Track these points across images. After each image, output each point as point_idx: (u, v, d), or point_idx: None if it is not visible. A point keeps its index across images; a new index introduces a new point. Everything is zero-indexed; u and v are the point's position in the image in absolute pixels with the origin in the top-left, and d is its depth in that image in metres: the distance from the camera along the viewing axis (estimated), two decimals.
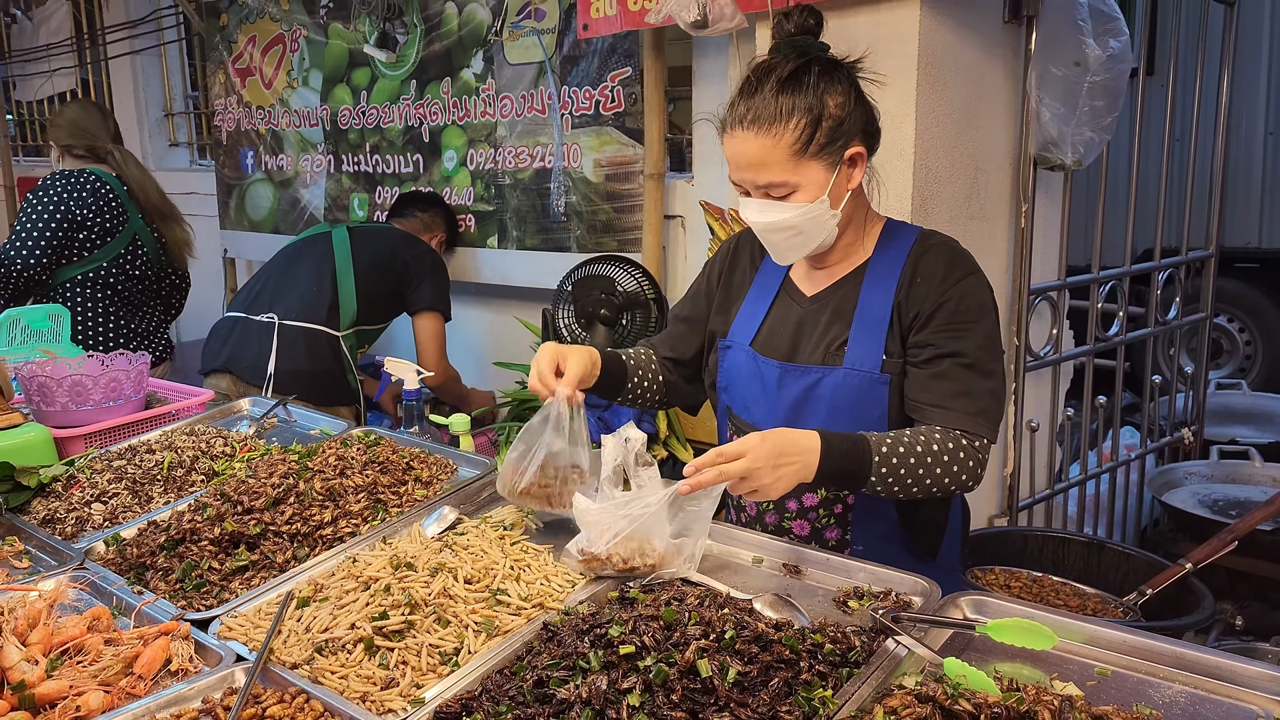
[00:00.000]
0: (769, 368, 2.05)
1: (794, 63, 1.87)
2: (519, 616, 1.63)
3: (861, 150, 1.92)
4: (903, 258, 1.99)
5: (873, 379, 1.95)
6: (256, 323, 3.69)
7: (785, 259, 2.02)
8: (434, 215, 4.24)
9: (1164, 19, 4.67)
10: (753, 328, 2.11)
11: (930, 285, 1.94)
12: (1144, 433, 4.21)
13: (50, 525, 2.09)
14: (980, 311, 1.94)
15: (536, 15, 4.11)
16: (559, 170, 4.15)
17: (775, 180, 1.87)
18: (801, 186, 1.87)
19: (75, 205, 3.83)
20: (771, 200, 1.90)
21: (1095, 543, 3.28)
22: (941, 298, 1.92)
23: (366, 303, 3.79)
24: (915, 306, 1.94)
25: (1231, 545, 2.84)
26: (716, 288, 2.23)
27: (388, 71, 4.72)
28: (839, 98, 1.87)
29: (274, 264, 3.92)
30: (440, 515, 1.99)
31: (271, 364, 3.57)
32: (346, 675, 1.50)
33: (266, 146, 5.40)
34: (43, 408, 2.58)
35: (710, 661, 1.35)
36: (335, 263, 3.79)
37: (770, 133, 1.84)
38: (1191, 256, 4.24)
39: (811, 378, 1.99)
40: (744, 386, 2.11)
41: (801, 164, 1.86)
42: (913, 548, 2.06)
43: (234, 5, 5.31)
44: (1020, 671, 1.45)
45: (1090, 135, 3.23)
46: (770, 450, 1.69)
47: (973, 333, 1.92)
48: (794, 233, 1.92)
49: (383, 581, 1.68)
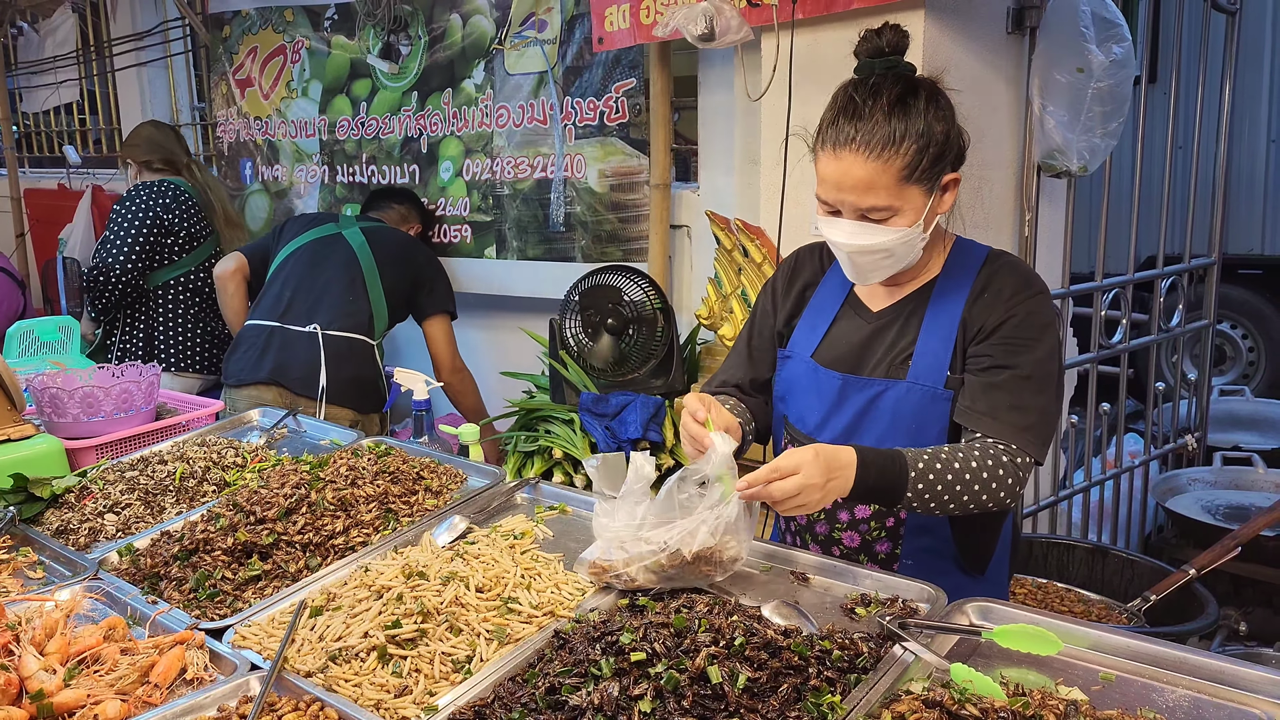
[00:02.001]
0: (829, 379, 2.03)
1: (900, 85, 1.85)
2: (530, 624, 1.65)
3: (956, 176, 1.91)
4: (972, 275, 1.98)
5: (936, 394, 1.94)
6: (299, 333, 3.70)
7: (868, 280, 2.00)
8: (409, 207, 4.32)
9: (1166, 28, 4.70)
10: (815, 339, 2.09)
11: (998, 301, 1.93)
12: (1148, 439, 4.22)
13: (63, 536, 2.11)
14: (1043, 330, 1.93)
15: (539, 26, 4.14)
16: (559, 180, 4.18)
17: (879, 204, 1.83)
18: (902, 211, 1.85)
19: (162, 211, 4.09)
20: (867, 223, 1.86)
21: (1099, 549, 3.30)
22: (1007, 313, 1.91)
23: (391, 308, 3.87)
24: (980, 320, 1.93)
25: (1235, 551, 2.85)
26: (782, 302, 2.20)
27: (389, 83, 4.75)
28: (944, 125, 1.86)
29: (294, 268, 3.89)
30: (451, 524, 2.01)
31: (323, 376, 3.61)
32: (360, 683, 1.52)
33: (264, 157, 5.43)
34: (54, 419, 2.61)
35: (720, 668, 1.37)
36: (363, 269, 3.83)
37: (881, 157, 1.81)
38: (1194, 263, 4.25)
39: (874, 390, 1.98)
40: (802, 397, 2.09)
41: (905, 189, 1.83)
42: (965, 562, 2.05)
43: (238, 17, 5.35)
44: (1026, 677, 1.46)
45: (1096, 141, 3.25)
46: (822, 467, 1.69)
47: (1034, 349, 1.90)
48: (885, 255, 1.89)
49: (395, 590, 1.70)
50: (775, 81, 2.80)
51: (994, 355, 1.90)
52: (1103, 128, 3.26)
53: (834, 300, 2.11)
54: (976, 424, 1.88)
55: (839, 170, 1.84)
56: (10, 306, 5.18)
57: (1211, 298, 4.39)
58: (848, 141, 1.82)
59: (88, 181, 6.63)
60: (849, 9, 2.84)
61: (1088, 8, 3.16)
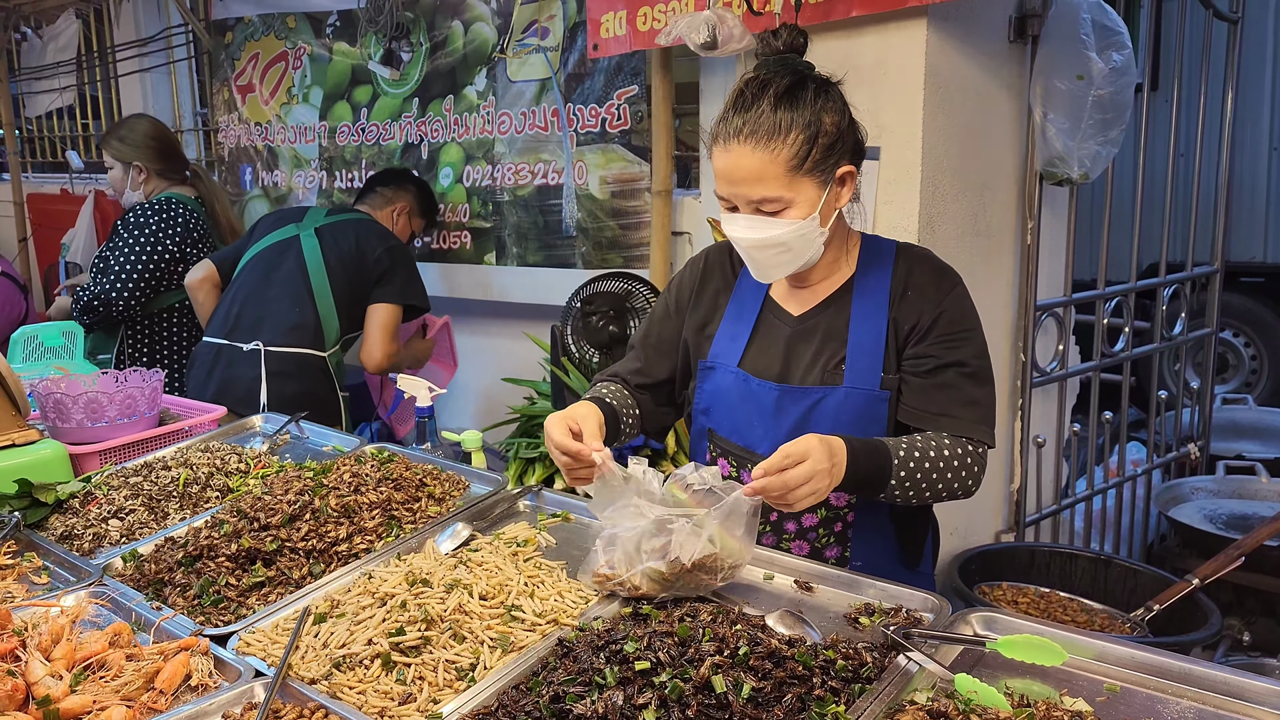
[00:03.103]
0: (765, 390, 2.03)
1: (789, 78, 1.89)
2: (534, 632, 1.65)
3: (852, 169, 1.94)
4: (888, 273, 2.02)
5: (874, 396, 1.97)
6: (243, 352, 3.58)
7: (769, 276, 2.02)
8: (396, 188, 4.08)
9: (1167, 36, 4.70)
10: (738, 349, 2.09)
11: (924, 298, 1.98)
12: (1150, 448, 4.22)
13: (68, 541, 2.11)
14: (974, 320, 2.01)
15: (541, 33, 4.14)
16: (561, 186, 4.18)
17: (770, 195, 1.87)
18: (795, 203, 1.88)
19: (170, 241, 3.90)
20: (762, 216, 1.89)
21: (1102, 558, 3.29)
22: (938, 309, 1.96)
23: (346, 316, 3.71)
24: (910, 319, 1.97)
25: (1239, 561, 2.85)
26: (688, 307, 2.20)
27: (390, 89, 4.76)
28: (834, 116, 1.89)
29: (245, 278, 3.75)
30: (454, 532, 2.01)
31: (264, 395, 3.48)
32: (364, 690, 1.52)
33: (264, 163, 5.44)
34: (59, 424, 2.61)
35: (725, 677, 1.37)
36: (310, 277, 3.66)
37: (768, 147, 1.85)
38: (1197, 272, 4.26)
39: (812, 398, 2.00)
40: (734, 409, 2.08)
41: (796, 180, 1.86)
42: (905, 558, 2.13)
43: (241, 23, 5.36)
44: (1030, 687, 1.46)
45: (1097, 148, 3.26)
46: (827, 452, 1.73)
47: (971, 342, 1.98)
48: (782, 250, 1.92)
49: (399, 598, 1.70)
50: None
51: (936, 355, 1.95)
52: (1103, 135, 3.27)
53: (751, 306, 2.12)
54: (934, 425, 1.94)
55: (730, 163, 1.89)
56: (13, 311, 5.18)
57: (1214, 306, 4.39)
58: (735, 133, 1.88)
59: (90, 186, 6.64)
60: (849, 17, 2.85)
61: (1088, 15, 3.17)
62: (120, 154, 4.10)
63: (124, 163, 4.08)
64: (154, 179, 4.09)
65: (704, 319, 2.17)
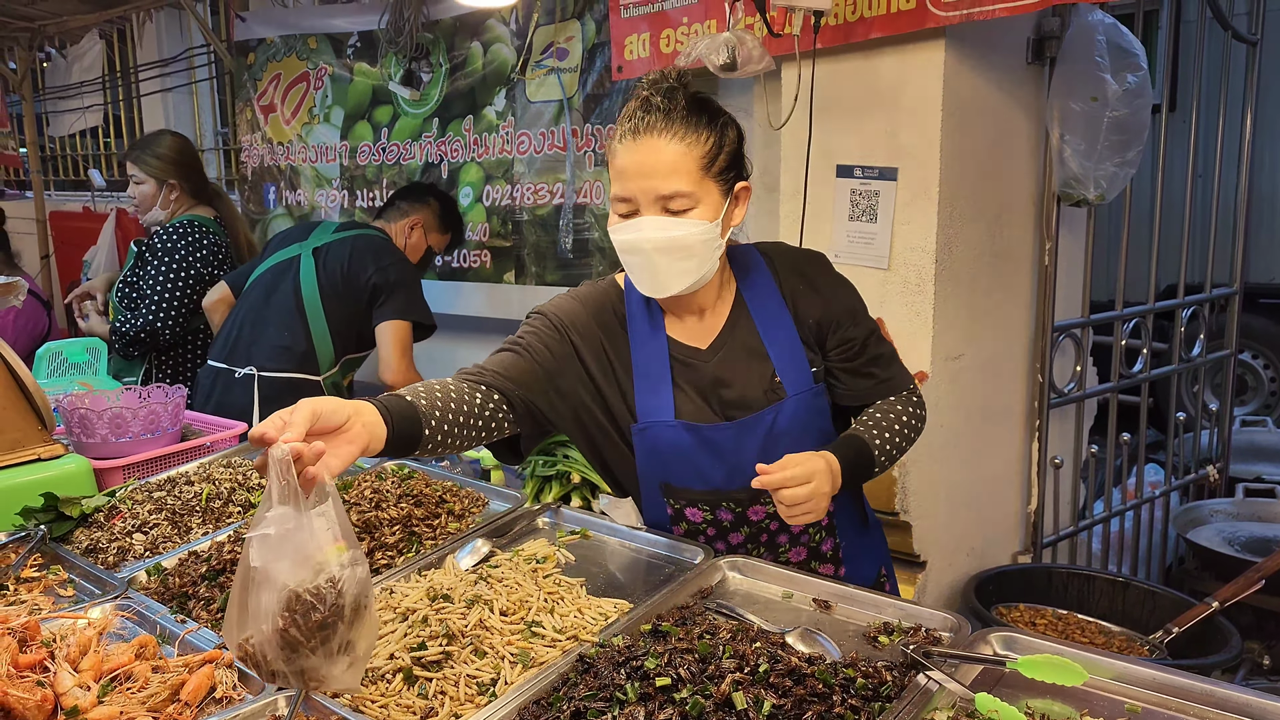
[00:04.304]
0: (719, 431, 2.00)
1: (692, 92, 1.93)
2: (554, 648, 1.66)
3: (748, 187, 1.99)
4: (766, 276, 2.09)
5: (816, 392, 2.08)
6: (236, 377, 3.58)
7: (665, 289, 1.93)
8: (413, 202, 3.98)
9: (1186, 57, 4.71)
10: (667, 402, 2.01)
11: (811, 289, 2.08)
12: (1168, 470, 4.20)
13: (93, 554, 2.13)
14: (850, 286, 2.14)
15: (559, 54, 4.18)
16: (581, 207, 4.21)
17: (682, 189, 1.86)
18: (702, 203, 1.88)
19: (202, 265, 3.92)
20: (669, 217, 1.87)
21: (1120, 580, 3.28)
22: (828, 295, 2.08)
23: (341, 339, 3.67)
24: (811, 313, 2.06)
25: (1259, 584, 2.84)
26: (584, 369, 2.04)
27: (410, 109, 4.81)
28: (735, 133, 1.96)
29: (248, 302, 3.74)
30: (473, 548, 2.02)
31: (256, 419, 3.43)
32: (387, 704, 1.53)
33: (286, 182, 5.49)
34: (83, 439, 2.64)
35: (746, 694, 1.37)
36: (304, 300, 3.63)
37: (685, 140, 1.87)
38: (1216, 293, 4.25)
39: (766, 421, 2.02)
40: (689, 459, 2.03)
41: (705, 180, 1.89)
42: (860, 520, 2.25)
43: (263, 44, 5.43)
44: (1051, 708, 1.46)
45: (1113, 169, 3.27)
46: (830, 476, 1.84)
47: (861, 306, 2.12)
48: (685, 255, 1.89)
49: (420, 612, 1.71)
50: (795, 110, 2.83)
51: (852, 338, 2.07)
52: (1120, 156, 3.28)
53: (658, 356, 2.04)
54: (884, 392, 2.11)
55: (643, 155, 1.87)
56: (36, 327, 5.24)
57: (1233, 327, 4.38)
58: (650, 128, 1.88)
59: (112, 204, 6.72)
60: (868, 38, 2.87)
61: (1104, 37, 3.18)
62: (154, 170, 4.06)
63: (157, 180, 4.05)
64: (184, 198, 4.07)
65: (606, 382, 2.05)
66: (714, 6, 3.27)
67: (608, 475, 2.19)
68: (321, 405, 1.47)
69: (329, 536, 1.36)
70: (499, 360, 1.99)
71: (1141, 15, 3.53)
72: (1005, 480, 3.44)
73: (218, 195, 4.22)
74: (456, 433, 1.83)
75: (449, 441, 1.82)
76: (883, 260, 2.98)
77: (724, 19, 3.18)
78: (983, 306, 3.14)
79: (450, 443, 1.82)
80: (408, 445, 1.73)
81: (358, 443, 1.54)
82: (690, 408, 2.03)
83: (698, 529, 2.09)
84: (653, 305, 2.06)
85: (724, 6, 3.19)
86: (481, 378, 1.94)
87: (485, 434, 1.91)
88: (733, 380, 2.03)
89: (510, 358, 1.99)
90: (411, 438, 1.73)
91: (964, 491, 3.23)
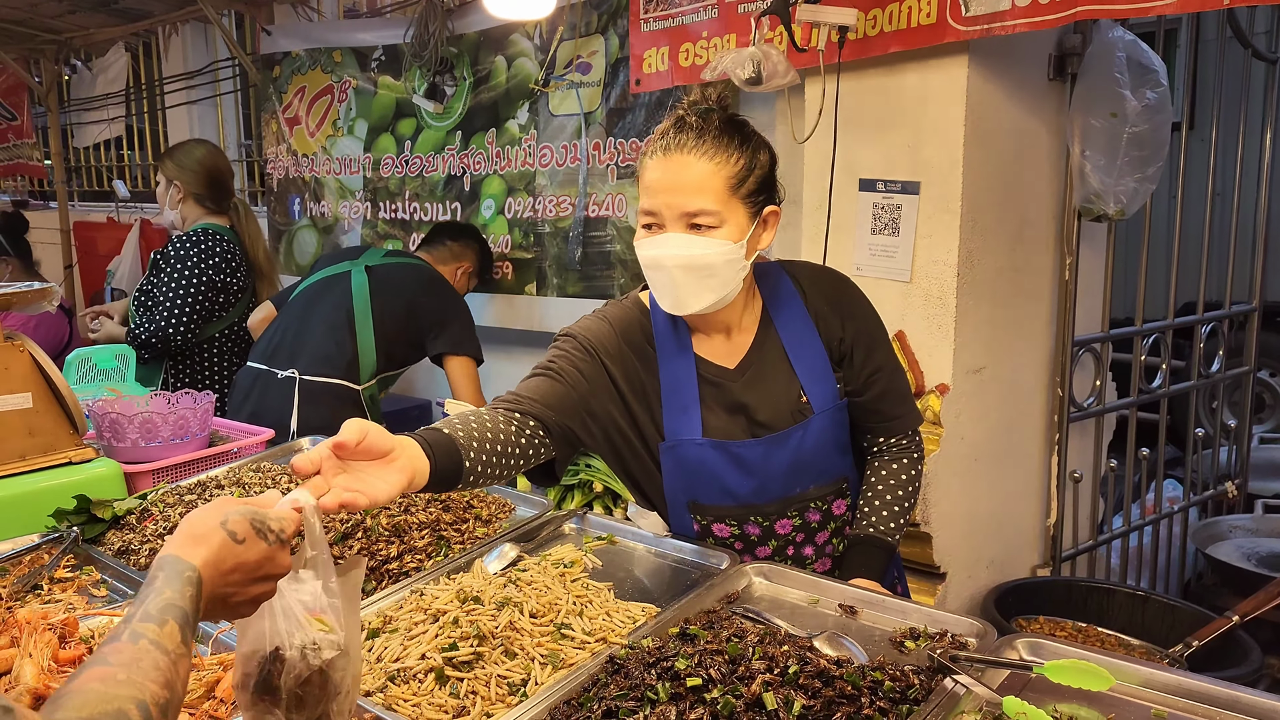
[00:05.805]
0: (747, 449, 2.03)
1: (728, 114, 1.96)
2: (583, 650, 1.68)
3: (776, 211, 2.00)
4: (794, 295, 2.11)
5: (839, 408, 2.11)
6: (278, 379, 3.64)
7: (687, 308, 1.95)
8: (464, 245, 4.13)
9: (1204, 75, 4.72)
10: (695, 421, 2.04)
11: (835, 310, 2.11)
12: (1187, 485, 4.20)
13: (125, 556, 2.16)
14: (873, 310, 2.17)
15: (582, 69, 4.22)
16: (602, 219, 4.24)
17: (708, 207, 1.88)
18: (728, 222, 1.90)
19: (214, 272, 3.98)
20: (694, 234, 1.89)
21: (1139, 594, 3.28)
22: (849, 320, 2.10)
23: (386, 354, 3.74)
24: (834, 334, 2.09)
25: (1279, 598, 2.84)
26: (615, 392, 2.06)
27: (434, 122, 4.85)
28: (768, 158, 1.98)
29: (293, 309, 3.83)
30: (501, 552, 2.04)
31: (294, 422, 3.53)
32: (419, 704, 1.55)
33: (311, 193, 5.54)
34: (114, 443, 2.67)
35: (775, 695, 1.39)
36: (354, 312, 3.71)
37: (714, 159, 1.89)
38: (1234, 310, 4.26)
39: (795, 437, 2.05)
40: (718, 476, 2.06)
41: (732, 200, 1.90)
42: None
43: (288, 58, 5.49)
44: (1078, 712, 1.47)
45: (1133, 185, 3.28)
46: None
47: (881, 338, 2.15)
48: (708, 274, 1.90)
49: (451, 614, 1.73)
50: (819, 124, 2.85)
51: (868, 362, 2.10)
52: (1140, 172, 3.29)
53: (686, 376, 2.05)
54: (888, 430, 2.17)
55: (672, 172, 1.90)
56: (58, 336, 5.31)
57: (1252, 344, 4.38)
58: (680, 145, 1.90)
59: (136, 215, 6.79)
60: (891, 53, 2.89)
61: (1124, 54, 3.20)
62: (166, 171, 4.18)
63: (167, 179, 4.16)
64: (189, 201, 4.13)
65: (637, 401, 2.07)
66: (733, 21, 3.30)
67: (635, 491, 2.22)
68: (370, 426, 1.43)
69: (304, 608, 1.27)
70: (533, 387, 1.96)
71: (1162, 33, 3.55)
72: (1025, 493, 3.45)
73: (235, 209, 4.23)
74: (496, 462, 1.79)
75: (489, 472, 1.78)
76: (904, 273, 3.00)
77: (742, 34, 3.22)
78: (1004, 320, 3.15)
79: (491, 473, 1.79)
80: (450, 480, 1.69)
81: (405, 473, 1.48)
82: (718, 426, 2.05)
83: (725, 544, 2.11)
84: (679, 324, 2.07)
85: (743, 22, 3.23)
86: (518, 405, 1.90)
87: (524, 462, 1.88)
88: (761, 400, 2.05)
89: (545, 383, 1.97)
90: (453, 472, 1.69)
91: (984, 504, 3.24)
